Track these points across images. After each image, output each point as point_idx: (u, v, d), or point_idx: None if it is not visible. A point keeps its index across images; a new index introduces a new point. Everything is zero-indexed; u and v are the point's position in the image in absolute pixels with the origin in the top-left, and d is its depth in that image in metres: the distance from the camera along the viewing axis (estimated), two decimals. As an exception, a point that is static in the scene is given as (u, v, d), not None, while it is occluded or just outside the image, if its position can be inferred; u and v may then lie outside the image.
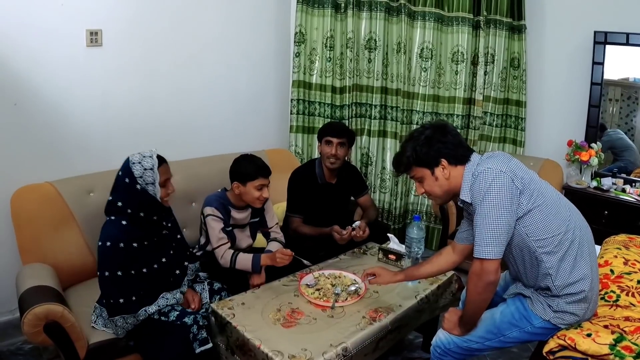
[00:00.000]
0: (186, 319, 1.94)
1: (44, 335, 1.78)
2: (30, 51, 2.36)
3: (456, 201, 1.77)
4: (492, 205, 1.54)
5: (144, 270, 1.95)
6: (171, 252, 2.08)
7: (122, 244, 1.88)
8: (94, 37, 2.52)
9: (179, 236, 2.17)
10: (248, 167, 2.25)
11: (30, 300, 1.81)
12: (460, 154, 1.69)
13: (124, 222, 1.91)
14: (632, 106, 3.60)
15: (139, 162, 1.91)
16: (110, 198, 1.95)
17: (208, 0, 3.01)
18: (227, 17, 3.12)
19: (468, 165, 1.68)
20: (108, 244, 1.87)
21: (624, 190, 3.32)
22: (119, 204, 1.92)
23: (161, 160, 1.98)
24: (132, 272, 1.91)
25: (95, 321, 1.98)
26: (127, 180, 1.91)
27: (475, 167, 1.65)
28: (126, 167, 1.92)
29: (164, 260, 2.03)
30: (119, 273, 1.87)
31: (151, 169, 1.91)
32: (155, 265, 1.99)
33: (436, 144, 1.67)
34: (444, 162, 1.68)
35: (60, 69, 2.46)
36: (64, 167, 2.47)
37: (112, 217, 1.94)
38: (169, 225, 2.11)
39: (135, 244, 1.92)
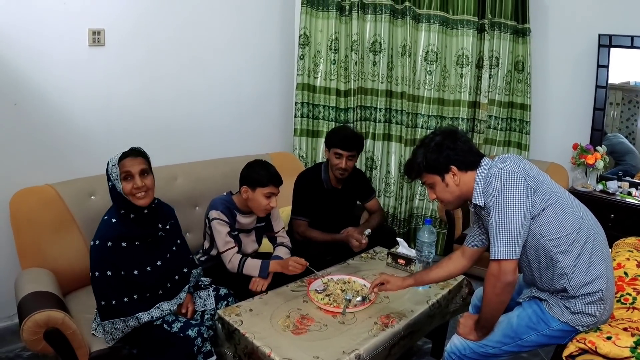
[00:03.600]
0: (190, 332, 1.86)
1: (44, 343, 1.72)
2: (31, 50, 2.31)
3: (468, 205, 1.75)
4: (506, 204, 1.53)
5: (135, 272, 1.89)
6: (168, 255, 2.01)
7: (110, 243, 1.83)
8: (97, 37, 2.48)
9: (179, 241, 2.10)
10: (261, 173, 2.19)
11: (29, 306, 1.75)
12: (470, 160, 1.69)
13: (113, 220, 1.88)
14: (632, 110, 3.61)
15: (111, 159, 1.86)
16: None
17: (213, 2, 2.96)
18: (231, 19, 3.08)
19: (479, 170, 1.68)
20: (97, 242, 1.84)
21: (629, 194, 3.31)
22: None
23: (126, 153, 1.87)
24: (122, 272, 1.85)
25: (96, 329, 1.91)
26: (107, 178, 1.89)
27: (487, 170, 1.64)
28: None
29: (159, 263, 1.96)
30: (109, 273, 1.82)
31: (115, 165, 1.84)
32: (149, 268, 1.92)
33: (445, 150, 1.68)
34: (453, 168, 1.68)
35: (61, 69, 2.41)
36: (64, 169, 2.42)
37: (106, 216, 1.90)
38: (167, 227, 2.04)
39: (124, 244, 1.87)
